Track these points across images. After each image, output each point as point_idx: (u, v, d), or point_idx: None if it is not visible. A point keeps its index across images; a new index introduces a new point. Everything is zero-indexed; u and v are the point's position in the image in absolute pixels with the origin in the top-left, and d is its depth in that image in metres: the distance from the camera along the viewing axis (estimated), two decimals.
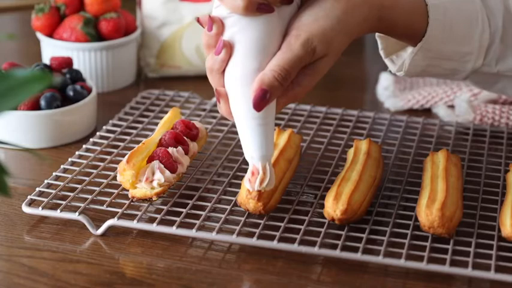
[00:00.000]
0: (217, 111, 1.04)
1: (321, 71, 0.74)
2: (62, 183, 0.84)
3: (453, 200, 0.77)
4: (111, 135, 0.96)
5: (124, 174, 0.81)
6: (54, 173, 0.87)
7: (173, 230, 0.77)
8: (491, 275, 0.72)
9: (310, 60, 0.72)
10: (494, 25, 0.82)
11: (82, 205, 0.80)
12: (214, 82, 0.74)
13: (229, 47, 0.72)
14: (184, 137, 0.87)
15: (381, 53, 0.87)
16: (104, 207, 0.81)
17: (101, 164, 0.89)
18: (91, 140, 0.94)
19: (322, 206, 0.79)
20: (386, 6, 0.77)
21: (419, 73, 0.84)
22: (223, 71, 0.73)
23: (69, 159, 0.90)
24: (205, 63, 0.75)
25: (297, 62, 0.71)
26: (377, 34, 0.85)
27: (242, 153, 0.91)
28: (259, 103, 0.70)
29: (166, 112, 1.01)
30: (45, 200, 0.81)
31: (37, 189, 0.84)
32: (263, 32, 0.71)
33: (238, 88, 0.72)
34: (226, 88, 0.73)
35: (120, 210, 0.79)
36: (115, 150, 0.92)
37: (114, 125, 0.99)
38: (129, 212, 0.80)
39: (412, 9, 0.79)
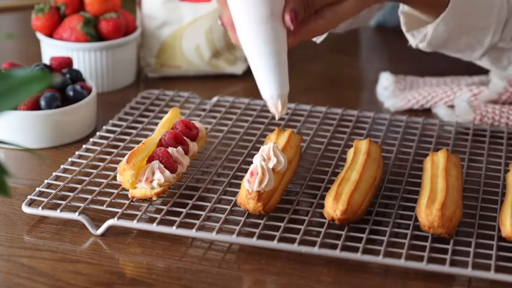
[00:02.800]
0: (217, 111, 1.04)
1: (344, 12, 0.79)
2: (62, 183, 0.84)
3: (453, 200, 0.77)
4: (111, 135, 0.96)
5: (124, 174, 0.81)
6: (54, 173, 0.87)
7: (173, 230, 0.77)
8: (491, 275, 0.72)
9: None
10: None
11: (82, 205, 0.80)
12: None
13: None
14: (184, 137, 0.87)
15: (403, 28, 0.93)
16: (103, 207, 0.81)
17: (101, 164, 0.89)
18: (91, 140, 0.94)
19: (322, 206, 0.79)
20: None
21: (440, 46, 0.89)
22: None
23: (69, 159, 0.90)
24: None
25: None
26: (400, 9, 0.91)
27: (242, 153, 0.91)
28: (293, 21, 0.75)
29: (166, 112, 1.01)
30: (45, 200, 0.81)
31: (37, 189, 0.84)
32: None
33: (252, 32, 0.75)
34: (238, 33, 0.76)
35: (120, 210, 0.79)
36: (115, 150, 0.92)
37: (114, 125, 0.99)
38: (129, 212, 0.80)
39: None
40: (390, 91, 1.12)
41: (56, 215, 0.80)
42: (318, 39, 0.98)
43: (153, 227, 0.77)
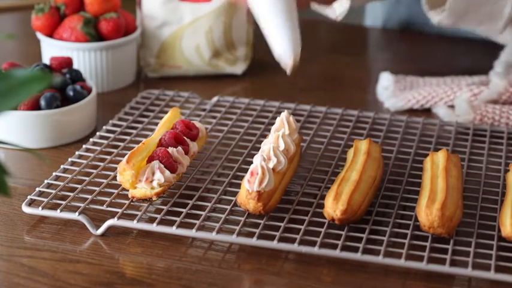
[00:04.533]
0: (217, 111, 1.04)
1: None
2: (62, 183, 0.84)
3: (453, 200, 0.77)
4: (111, 135, 0.96)
5: (124, 174, 0.81)
6: (54, 173, 0.87)
7: (173, 230, 0.77)
8: (491, 275, 0.72)
9: None
10: None
11: (82, 205, 0.80)
12: None
13: None
14: (184, 137, 0.87)
15: (425, 7, 0.98)
16: (103, 207, 0.81)
17: (101, 164, 0.89)
18: (91, 140, 0.94)
19: (322, 206, 0.79)
20: None
21: (461, 15, 0.93)
22: None
23: (69, 159, 0.90)
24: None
25: None
26: None
27: (242, 153, 0.91)
28: None
29: (166, 112, 1.01)
30: (45, 200, 0.81)
31: (37, 189, 0.84)
32: None
33: None
34: None
35: (120, 210, 0.79)
36: (115, 150, 0.92)
37: (114, 125, 0.99)
38: (129, 212, 0.80)
39: None
40: (390, 91, 1.12)
41: (56, 215, 0.80)
42: (339, 17, 1.00)
43: (153, 227, 0.77)
